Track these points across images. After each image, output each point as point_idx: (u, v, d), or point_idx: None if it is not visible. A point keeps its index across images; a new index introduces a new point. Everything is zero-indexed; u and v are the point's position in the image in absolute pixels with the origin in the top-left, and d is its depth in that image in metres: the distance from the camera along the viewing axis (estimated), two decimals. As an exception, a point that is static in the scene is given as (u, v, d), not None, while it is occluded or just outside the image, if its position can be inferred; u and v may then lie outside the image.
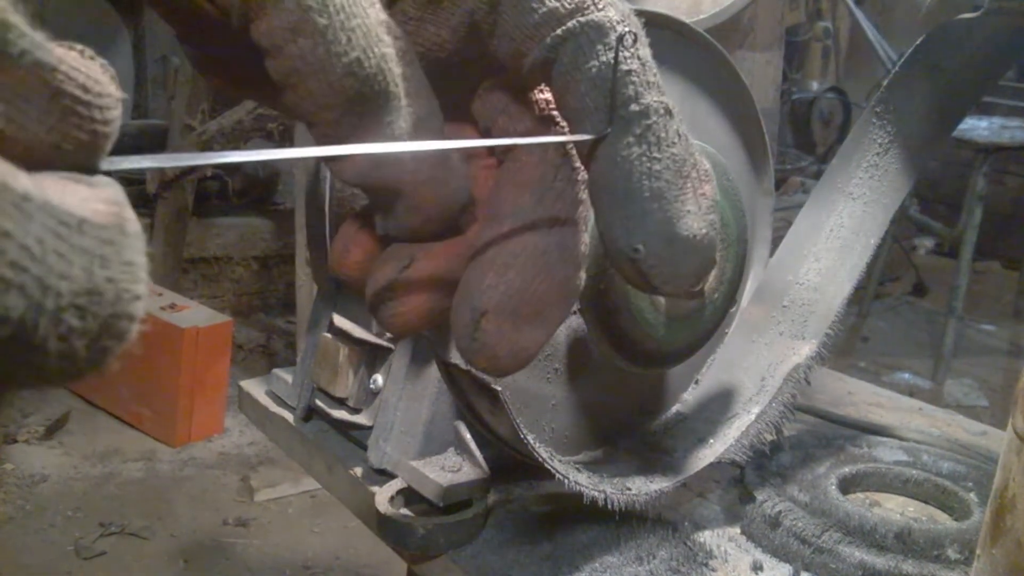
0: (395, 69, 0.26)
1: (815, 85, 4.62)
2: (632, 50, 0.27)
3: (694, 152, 0.28)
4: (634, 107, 0.27)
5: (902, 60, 0.76)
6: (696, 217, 0.28)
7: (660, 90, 0.27)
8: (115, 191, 0.20)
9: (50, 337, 0.18)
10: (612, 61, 0.27)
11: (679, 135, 0.28)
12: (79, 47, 0.20)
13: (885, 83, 0.76)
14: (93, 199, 0.19)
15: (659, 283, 0.28)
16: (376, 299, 0.31)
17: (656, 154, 0.27)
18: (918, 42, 0.75)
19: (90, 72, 0.20)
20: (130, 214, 0.20)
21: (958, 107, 0.77)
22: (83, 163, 0.20)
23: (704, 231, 0.28)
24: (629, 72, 0.27)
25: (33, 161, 0.19)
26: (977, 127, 3.10)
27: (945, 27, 0.74)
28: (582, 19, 0.27)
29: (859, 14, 3.41)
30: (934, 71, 0.75)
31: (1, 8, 0.18)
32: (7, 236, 0.17)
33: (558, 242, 0.29)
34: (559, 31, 0.27)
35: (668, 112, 0.27)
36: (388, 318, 0.31)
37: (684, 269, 0.29)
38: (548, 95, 0.30)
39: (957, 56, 0.74)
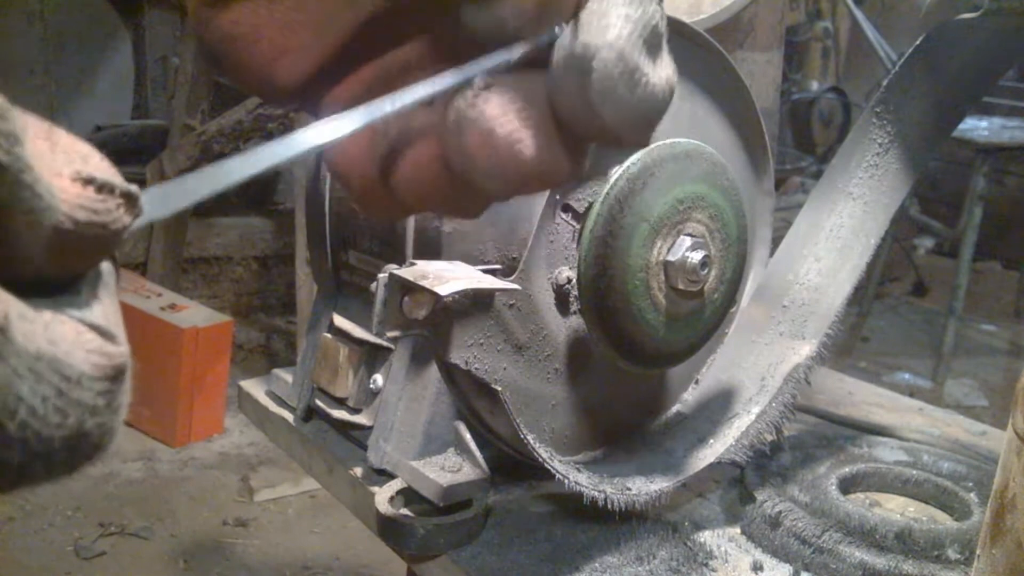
0: None
1: (815, 85, 4.62)
2: None
3: (663, 21, 0.30)
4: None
5: (902, 60, 0.76)
6: (660, 70, 0.29)
7: None
8: (120, 342, 0.21)
9: (38, 470, 0.19)
10: None
11: (659, 11, 0.29)
12: (100, 180, 0.21)
13: (885, 83, 0.76)
14: (97, 351, 0.20)
15: (606, 107, 0.29)
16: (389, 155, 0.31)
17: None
18: (918, 42, 0.75)
19: (101, 215, 0.21)
20: (128, 359, 0.21)
21: (958, 107, 0.77)
22: (88, 266, 0.22)
23: (662, 85, 0.29)
24: None
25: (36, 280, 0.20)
26: (977, 127, 3.10)
27: (945, 27, 0.74)
28: None
29: (859, 14, 3.41)
30: (934, 71, 0.75)
31: (14, 160, 0.18)
32: (20, 400, 0.18)
33: None
34: None
35: None
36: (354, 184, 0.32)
37: (633, 104, 0.29)
38: None
39: (957, 56, 0.74)
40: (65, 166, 0.20)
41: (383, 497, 0.69)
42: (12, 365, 0.18)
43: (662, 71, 0.29)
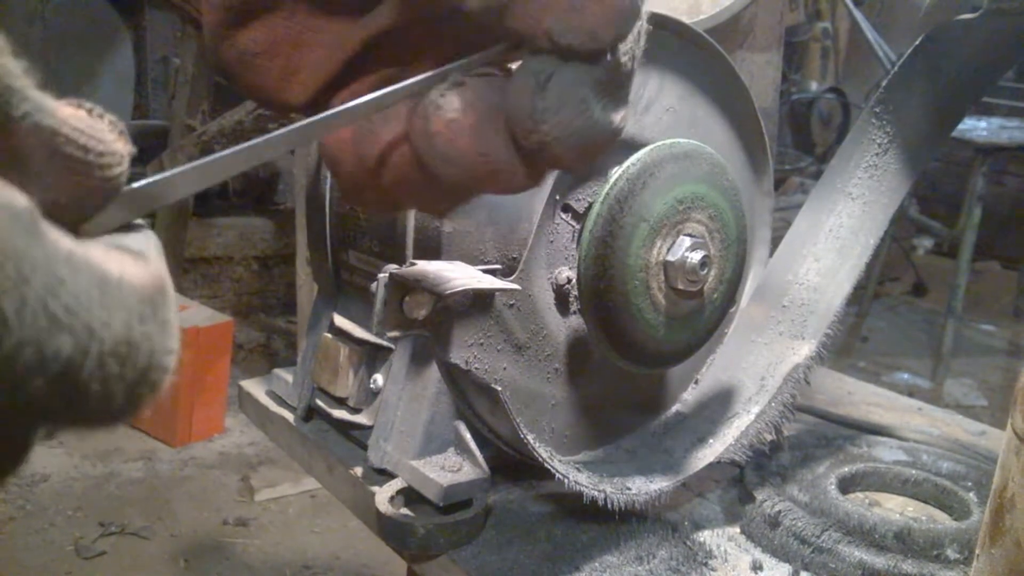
0: None
1: (814, 85, 4.62)
2: None
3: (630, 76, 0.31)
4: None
5: (901, 61, 0.76)
6: (610, 106, 0.31)
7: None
8: (152, 259, 0.22)
9: (93, 379, 0.20)
10: None
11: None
12: (89, 105, 0.22)
13: (884, 83, 0.76)
14: (131, 264, 0.21)
15: (544, 116, 0.30)
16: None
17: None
18: (917, 43, 0.75)
19: (94, 132, 0.22)
20: (166, 277, 0.22)
21: (957, 107, 0.77)
22: (83, 216, 0.22)
23: (610, 119, 0.31)
24: None
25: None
26: (976, 127, 3.10)
27: (944, 28, 0.74)
28: None
29: (858, 15, 3.41)
30: (933, 72, 0.75)
31: (5, 73, 0.19)
32: (62, 283, 0.19)
33: None
34: None
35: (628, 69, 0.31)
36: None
37: (573, 120, 0.30)
38: None
39: (956, 57, 0.74)
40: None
41: (383, 497, 0.69)
42: (48, 249, 0.18)
43: (615, 113, 0.31)
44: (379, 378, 0.77)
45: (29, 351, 0.18)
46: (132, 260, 0.21)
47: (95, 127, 0.22)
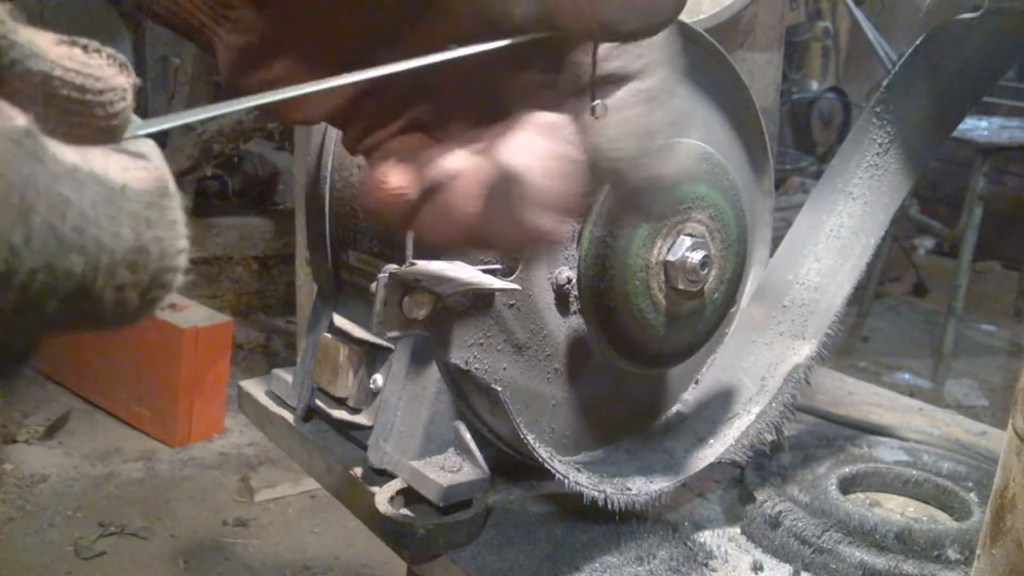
0: None
1: (815, 85, 4.62)
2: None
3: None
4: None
5: (902, 60, 0.76)
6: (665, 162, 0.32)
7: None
8: (153, 160, 0.22)
9: (106, 291, 0.20)
10: None
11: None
12: (84, 42, 0.22)
13: (885, 83, 0.76)
14: (133, 167, 0.21)
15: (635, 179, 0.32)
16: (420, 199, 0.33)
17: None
18: (918, 42, 0.75)
19: (90, 70, 0.21)
20: (168, 177, 0.22)
21: (958, 107, 0.77)
22: (108, 135, 0.22)
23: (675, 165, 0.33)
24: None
25: None
26: (977, 127, 3.10)
27: (945, 27, 0.74)
28: None
29: (859, 14, 3.41)
30: (934, 71, 0.75)
31: None
32: (68, 203, 0.19)
33: None
34: None
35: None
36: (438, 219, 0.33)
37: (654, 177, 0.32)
38: None
39: (957, 56, 0.74)
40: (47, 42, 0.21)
41: (383, 497, 0.69)
42: (50, 169, 0.18)
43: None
44: (379, 378, 0.76)
45: (41, 277, 0.18)
46: (134, 163, 0.21)
47: (91, 64, 0.21)
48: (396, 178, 0.33)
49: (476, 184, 0.32)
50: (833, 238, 0.78)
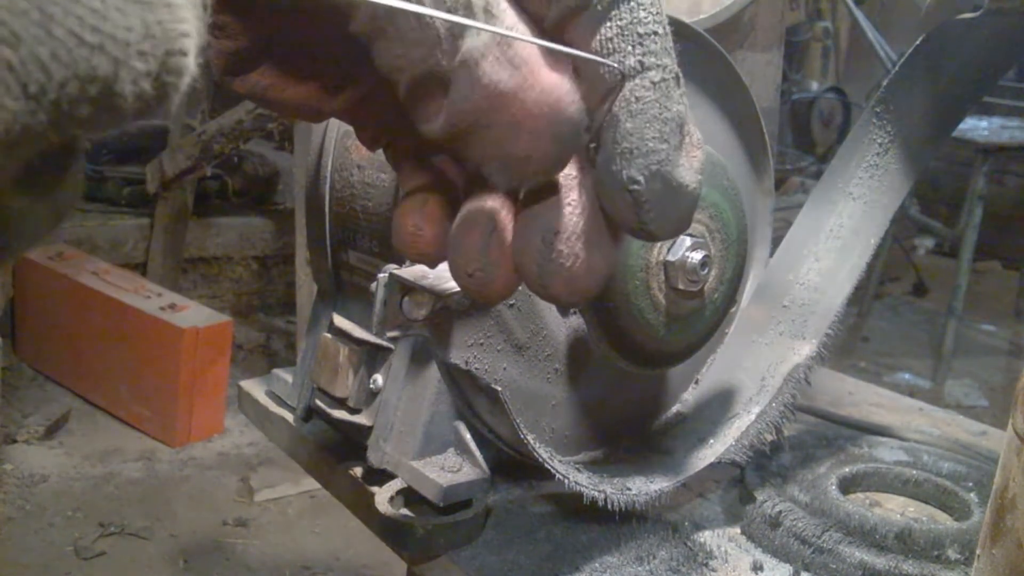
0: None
1: (815, 85, 4.62)
2: (658, 15, 0.30)
3: (691, 121, 0.31)
4: (656, 60, 0.29)
5: (902, 60, 0.76)
6: (689, 171, 0.31)
7: (674, 58, 0.30)
8: None
9: (127, 84, 0.20)
10: (643, 17, 0.29)
11: (683, 100, 0.30)
12: None
13: (885, 83, 0.76)
14: None
15: (649, 219, 0.30)
16: (471, 277, 0.32)
17: (667, 104, 0.30)
18: (918, 42, 0.75)
19: None
20: None
21: (958, 107, 0.77)
22: None
23: (694, 185, 0.31)
24: (655, 32, 0.29)
25: None
26: (977, 127, 3.10)
27: (945, 27, 0.74)
28: None
29: (859, 14, 3.42)
30: (934, 71, 0.75)
31: None
32: (79, 3, 0.19)
33: None
34: None
35: (678, 77, 0.30)
36: (486, 288, 0.32)
37: (673, 213, 0.31)
38: None
39: (957, 56, 0.74)
40: None
41: (383, 497, 0.69)
42: None
43: (694, 162, 0.31)
44: (379, 378, 0.76)
45: (72, 86, 0.19)
46: None
47: None
48: (423, 228, 0.33)
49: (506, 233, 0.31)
50: (833, 238, 0.78)
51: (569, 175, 0.31)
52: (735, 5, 0.90)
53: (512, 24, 0.28)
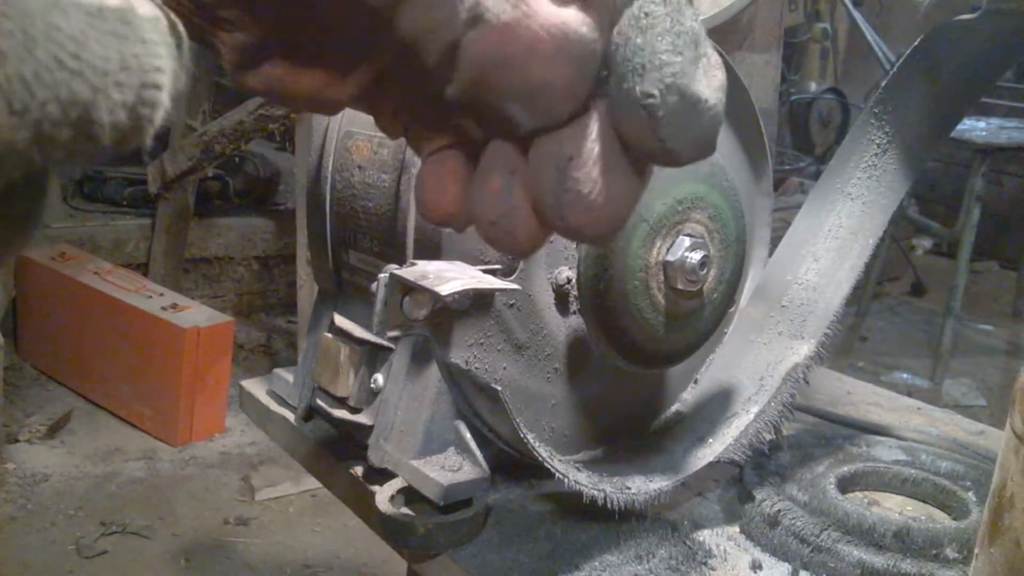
0: None
1: (813, 86, 4.62)
2: None
3: (710, 42, 0.29)
4: None
5: (900, 61, 0.76)
6: (707, 86, 0.29)
7: None
8: None
9: (104, 112, 0.21)
10: None
11: (696, 19, 0.29)
12: None
13: (883, 84, 0.77)
14: None
15: (666, 135, 0.28)
16: (493, 225, 0.31)
17: (679, 18, 0.28)
18: (916, 43, 0.75)
19: None
20: (139, 2, 0.22)
21: (956, 108, 0.77)
22: None
23: (714, 101, 0.29)
24: None
25: None
26: (975, 128, 3.10)
27: (943, 28, 0.74)
28: None
29: (857, 15, 3.42)
30: (932, 72, 0.75)
31: None
32: (60, 30, 0.19)
33: None
34: None
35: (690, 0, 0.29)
36: (510, 236, 0.31)
37: (692, 129, 0.29)
38: None
39: (955, 57, 0.75)
40: None
41: (383, 496, 0.69)
42: (39, 1, 0.19)
43: (714, 80, 0.29)
44: (379, 378, 0.77)
45: (54, 107, 0.19)
46: None
47: None
48: (446, 186, 0.32)
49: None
50: (832, 238, 0.78)
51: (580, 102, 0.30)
52: (734, 7, 0.91)
53: None
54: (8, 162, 0.20)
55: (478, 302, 0.66)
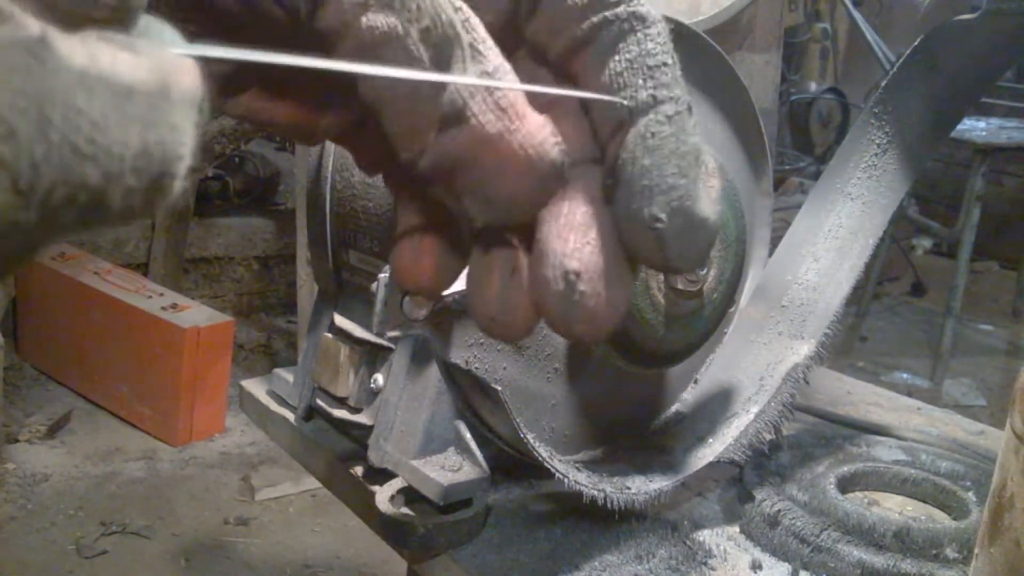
0: (463, 35, 0.27)
1: (814, 86, 4.62)
2: (665, 44, 0.29)
3: (705, 149, 0.30)
4: (668, 92, 0.29)
5: (900, 61, 0.76)
6: (707, 202, 0.30)
7: (684, 87, 0.30)
8: (158, 55, 0.21)
9: (115, 196, 0.20)
10: (652, 48, 0.29)
11: (696, 130, 0.30)
12: None
13: (883, 84, 0.77)
14: (138, 66, 0.20)
15: (674, 256, 0.30)
16: (492, 321, 0.32)
17: (683, 137, 0.29)
18: (916, 43, 0.75)
19: None
20: (176, 78, 0.21)
21: (956, 108, 0.77)
22: (117, 30, 0.21)
23: (713, 217, 0.30)
24: (665, 63, 0.29)
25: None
26: (975, 128, 3.10)
27: (943, 28, 0.74)
28: (628, 8, 0.29)
29: (857, 15, 3.42)
30: (932, 72, 0.75)
31: None
32: (80, 113, 0.19)
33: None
34: (606, 14, 0.29)
35: (690, 108, 0.30)
36: (508, 331, 0.32)
37: (695, 246, 0.30)
38: None
39: (955, 57, 0.75)
40: None
41: (383, 496, 0.69)
42: (63, 78, 0.18)
43: (711, 192, 0.30)
44: (379, 378, 0.77)
45: (60, 191, 0.19)
46: (139, 61, 0.20)
47: None
48: (422, 261, 0.32)
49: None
50: (832, 238, 0.78)
51: (588, 212, 0.30)
52: (734, 6, 0.91)
53: (498, 64, 0.28)
54: (10, 240, 0.19)
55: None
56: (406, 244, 0.33)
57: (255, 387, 0.93)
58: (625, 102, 0.29)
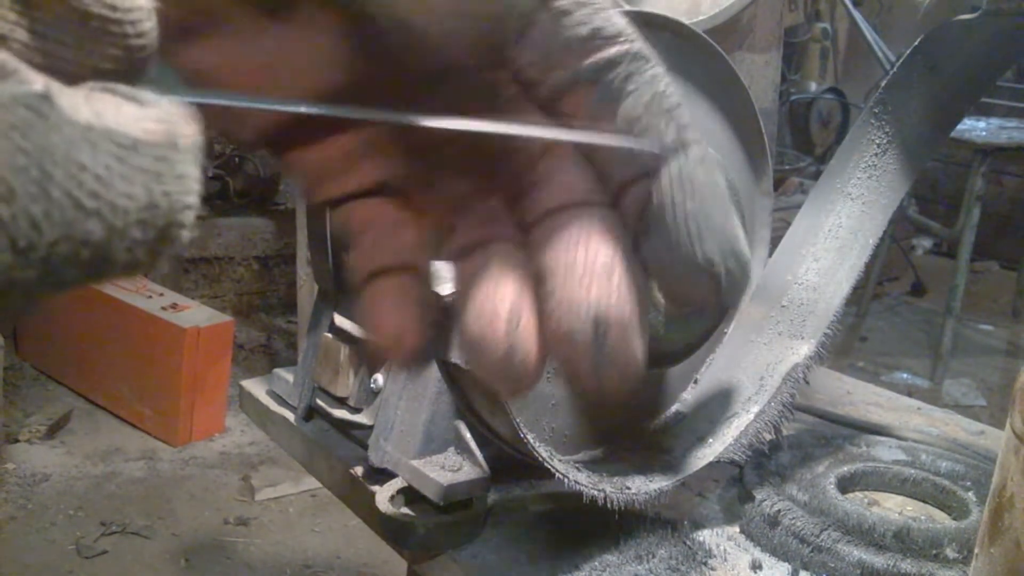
0: None
1: (814, 86, 4.62)
2: (671, 83, 0.27)
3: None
4: (691, 134, 0.27)
5: (900, 61, 0.76)
6: (745, 241, 0.29)
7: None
8: (166, 108, 0.21)
9: (119, 250, 0.19)
10: (665, 89, 0.27)
11: (722, 173, 0.29)
12: None
13: (883, 84, 0.77)
14: (144, 118, 0.20)
15: (728, 295, 0.29)
16: (500, 377, 0.30)
17: (718, 179, 0.28)
18: (916, 43, 0.75)
19: None
20: (182, 128, 0.20)
21: (956, 108, 0.77)
22: (125, 80, 0.21)
23: (749, 255, 0.29)
24: (679, 104, 0.27)
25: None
26: (975, 128, 3.10)
27: (943, 28, 0.74)
28: (633, 47, 0.27)
29: (857, 15, 3.42)
30: (932, 72, 0.75)
31: None
32: (84, 169, 0.18)
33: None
34: (610, 52, 0.27)
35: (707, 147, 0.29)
36: (516, 386, 0.30)
37: (742, 285, 0.29)
38: None
39: (955, 57, 0.75)
40: None
41: (383, 496, 0.69)
42: (66, 134, 0.18)
43: (740, 231, 0.29)
44: (379, 378, 0.77)
45: (62, 248, 0.18)
46: (145, 113, 0.20)
47: None
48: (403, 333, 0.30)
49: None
50: (832, 238, 0.78)
51: (608, 257, 0.28)
52: (734, 6, 0.91)
53: None
54: (9, 297, 0.19)
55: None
56: (383, 296, 0.31)
57: (255, 387, 0.93)
58: (655, 150, 0.27)
